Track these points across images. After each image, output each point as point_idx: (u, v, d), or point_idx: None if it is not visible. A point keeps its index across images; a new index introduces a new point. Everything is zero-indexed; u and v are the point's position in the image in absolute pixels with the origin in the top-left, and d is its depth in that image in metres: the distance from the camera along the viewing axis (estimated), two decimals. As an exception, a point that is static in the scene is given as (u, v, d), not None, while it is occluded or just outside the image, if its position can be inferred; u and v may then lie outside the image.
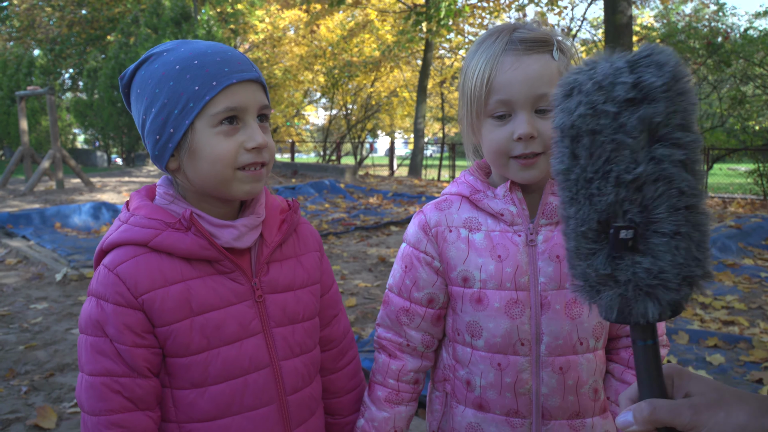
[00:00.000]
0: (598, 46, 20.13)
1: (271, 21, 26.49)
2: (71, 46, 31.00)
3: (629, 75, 0.80)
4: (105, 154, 31.57)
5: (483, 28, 23.10)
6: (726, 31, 16.86)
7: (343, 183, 14.85)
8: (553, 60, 1.27)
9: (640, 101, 0.80)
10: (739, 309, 4.96)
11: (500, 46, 1.27)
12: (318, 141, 33.65)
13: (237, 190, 1.22)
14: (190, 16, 23.84)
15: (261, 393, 1.26)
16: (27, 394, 3.56)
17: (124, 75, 1.25)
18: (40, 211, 9.51)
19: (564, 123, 0.86)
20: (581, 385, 1.33)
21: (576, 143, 0.85)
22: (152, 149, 1.22)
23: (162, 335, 1.19)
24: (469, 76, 1.30)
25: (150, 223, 1.20)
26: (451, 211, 1.39)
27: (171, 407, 1.23)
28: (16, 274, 6.48)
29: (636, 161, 0.81)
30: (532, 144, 1.25)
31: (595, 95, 0.82)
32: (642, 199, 0.82)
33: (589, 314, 1.32)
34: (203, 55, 1.19)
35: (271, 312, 1.29)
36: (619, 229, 0.83)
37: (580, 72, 0.86)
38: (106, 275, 1.18)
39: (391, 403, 1.41)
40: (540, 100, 1.24)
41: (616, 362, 1.43)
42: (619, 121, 0.81)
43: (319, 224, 9.35)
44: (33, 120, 27.19)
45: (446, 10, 17.83)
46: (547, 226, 1.32)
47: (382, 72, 25.52)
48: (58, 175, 14.84)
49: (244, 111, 1.20)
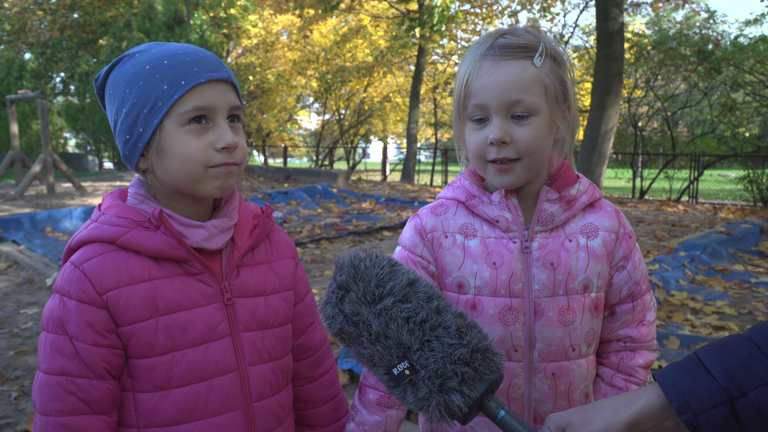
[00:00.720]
0: (590, 52, 20.22)
1: (264, 26, 26.47)
2: (63, 50, 30.90)
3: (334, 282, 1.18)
4: (96, 158, 31.47)
5: (476, 34, 23.19)
6: (717, 39, 17.00)
7: (335, 188, 14.85)
8: (534, 66, 1.27)
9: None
10: (730, 314, 4.99)
11: (481, 51, 1.28)
12: (311, 146, 33.61)
13: (208, 186, 1.21)
14: (183, 20, 23.81)
15: (226, 398, 1.24)
16: (17, 400, 3.53)
17: (98, 77, 1.26)
18: (31, 215, 9.47)
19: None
20: (573, 390, 1.35)
21: (341, 336, 1.17)
22: (123, 149, 1.21)
23: (126, 335, 1.18)
24: (455, 80, 1.33)
25: (119, 221, 1.20)
26: (447, 216, 1.39)
27: (132, 411, 1.21)
28: (6, 278, 6.45)
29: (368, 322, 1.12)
30: (505, 149, 1.26)
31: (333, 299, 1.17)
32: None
33: (582, 321, 1.33)
34: (173, 56, 1.19)
35: (240, 316, 1.27)
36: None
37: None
38: (72, 272, 1.17)
39: (382, 406, 1.41)
40: (515, 106, 1.25)
41: (605, 366, 1.43)
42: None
43: (312, 229, 9.34)
44: (24, 124, 27.09)
45: (439, 16, 17.87)
46: (541, 233, 1.33)
47: (375, 77, 25.55)
48: (48, 179, 14.77)
49: (213, 111, 1.19)
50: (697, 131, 18.21)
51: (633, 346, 1.41)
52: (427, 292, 1.14)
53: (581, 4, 33.75)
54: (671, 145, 17.53)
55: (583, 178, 1.40)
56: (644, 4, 25.26)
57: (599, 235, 1.35)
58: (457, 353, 1.08)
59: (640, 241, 8.40)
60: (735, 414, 0.98)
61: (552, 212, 1.33)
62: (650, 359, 1.42)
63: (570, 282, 1.31)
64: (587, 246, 1.34)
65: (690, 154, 16.07)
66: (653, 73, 17.41)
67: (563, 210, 1.33)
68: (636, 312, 1.40)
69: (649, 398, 1.05)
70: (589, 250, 1.33)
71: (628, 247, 1.38)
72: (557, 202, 1.33)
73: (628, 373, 1.40)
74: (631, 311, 1.39)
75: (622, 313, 1.40)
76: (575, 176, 1.39)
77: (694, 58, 16.05)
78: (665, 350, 4.16)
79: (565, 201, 1.34)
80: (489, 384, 1.09)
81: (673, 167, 16.75)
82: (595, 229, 1.36)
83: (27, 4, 30.30)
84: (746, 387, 0.97)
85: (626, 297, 1.39)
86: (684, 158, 16.49)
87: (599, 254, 1.34)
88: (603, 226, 1.36)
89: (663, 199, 15.66)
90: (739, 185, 15.35)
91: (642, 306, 1.40)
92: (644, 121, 18.50)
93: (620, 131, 18.21)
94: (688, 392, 1.00)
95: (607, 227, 1.37)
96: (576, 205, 1.35)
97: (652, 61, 17.18)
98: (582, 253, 1.33)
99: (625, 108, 17.47)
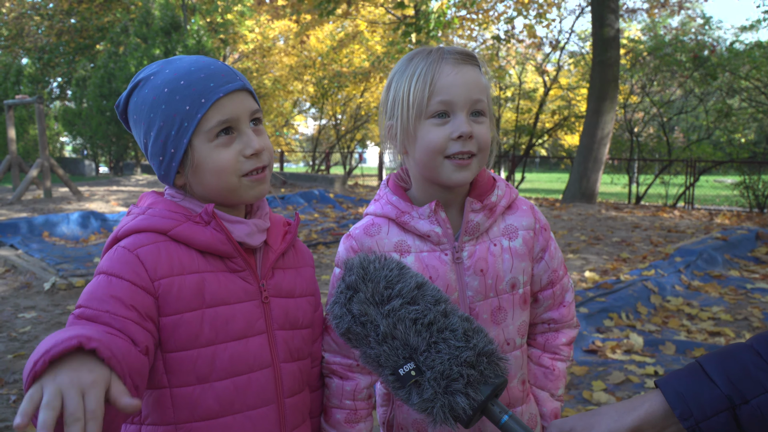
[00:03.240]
0: (586, 58, 20.30)
1: (261, 31, 26.53)
2: (60, 55, 30.90)
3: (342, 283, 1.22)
4: (93, 163, 31.42)
5: (472, 39, 23.27)
6: (712, 45, 17.11)
7: (332, 193, 14.87)
8: (482, 75, 1.38)
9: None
10: (726, 320, 5.01)
11: (436, 57, 1.35)
12: (307, 151, 33.64)
13: (245, 195, 1.28)
14: (180, 26, 23.84)
15: (262, 392, 1.28)
16: (16, 403, 3.54)
17: (118, 103, 1.31)
18: (28, 220, 9.47)
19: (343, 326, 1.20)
20: (510, 379, 1.42)
21: (348, 336, 1.19)
22: (158, 169, 1.28)
23: (169, 325, 1.19)
24: (408, 84, 1.35)
25: (170, 214, 1.25)
26: (381, 236, 1.42)
27: (169, 408, 1.21)
28: (4, 283, 6.45)
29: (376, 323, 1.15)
30: (469, 143, 1.32)
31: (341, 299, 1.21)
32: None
33: (513, 317, 1.42)
34: (188, 74, 1.24)
35: (275, 314, 1.32)
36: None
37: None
38: (125, 254, 1.18)
39: (351, 422, 1.44)
40: (476, 104, 1.34)
41: (533, 347, 1.55)
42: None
43: (309, 234, 9.35)
44: (21, 129, 27.03)
45: (435, 21, 17.94)
46: (469, 242, 1.39)
47: (371, 83, 25.57)
48: (46, 184, 14.76)
49: (236, 120, 1.25)
50: (693, 137, 18.25)
51: (556, 327, 1.53)
52: (435, 296, 1.17)
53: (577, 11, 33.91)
54: (667, 150, 17.59)
55: (500, 180, 1.47)
56: (640, 11, 25.38)
57: (519, 235, 1.44)
58: (463, 356, 1.11)
59: (635, 246, 8.44)
60: (737, 421, 1.00)
61: (477, 222, 1.39)
62: (572, 336, 1.55)
63: (498, 284, 1.40)
64: (510, 247, 1.42)
65: (686, 160, 16.13)
66: (649, 79, 17.49)
67: (486, 218, 1.41)
68: (556, 296, 1.51)
69: (651, 405, 1.07)
70: (512, 251, 1.42)
71: (545, 239, 1.48)
72: (481, 211, 1.40)
73: (554, 352, 1.53)
74: (552, 296, 1.50)
75: (544, 299, 1.50)
76: (492, 180, 1.46)
77: (690, 64, 16.12)
78: (661, 356, 4.18)
79: (487, 209, 1.41)
80: (493, 388, 1.12)
81: (669, 173, 16.79)
82: (515, 229, 1.44)
83: (24, 10, 30.30)
84: (748, 394, 0.99)
85: (546, 284, 1.49)
86: (680, 164, 16.54)
87: (521, 253, 1.43)
88: (521, 225, 1.45)
89: (659, 205, 15.71)
90: (735, 191, 15.40)
91: (561, 290, 1.52)
92: (640, 126, 18.56)
93: (616, 137, 18.28)
94: (691, 399, 1.03)
95: (525, 225, 1.45)
96: (497, 209, 1.42)
97: (647, 67, 17.26)
98: (506, 255, 1.41)
99: (620, 114, 17.54)
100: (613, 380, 3.74)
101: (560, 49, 22.02)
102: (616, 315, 4.94)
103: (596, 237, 9.21)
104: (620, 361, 4.07)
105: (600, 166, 14.14)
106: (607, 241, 8.89)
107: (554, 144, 28.10)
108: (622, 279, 5.89)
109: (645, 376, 3.82)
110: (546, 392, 1.52)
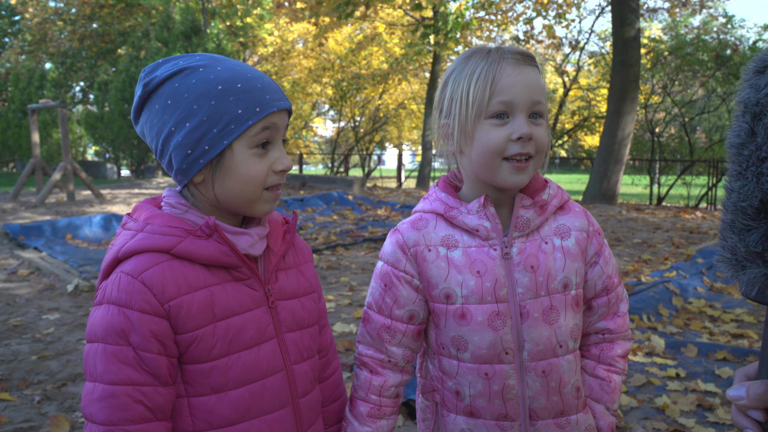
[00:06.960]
0: (606, 58, 20.16)
1: (280, 34, 26.68)
2: (82, 60, 31.33)
3: None
4: (115, 166, 31.78)
5: (490, 40, 23.18)
6: (735, 44, 16.86)
7: (351, 195, 14.91)
8: (541, 76, 1.36)
9: None
10: (749, 322, 4.95)
11: (497, 56, 1.33)
12: (326, 153, 33.74)
13: (259, 209, 1.28)
14: (200, 29, 24.05)
15: (277, 396, 1.29)
16: (40, 404, 3.59)
17: (152, 79, 1.24)
18: (52, 222, 9.59)
19: (749, 98, 0.85)
20: (564, 385, 1.39)
21: (757, 120, 0.83)
22: (180, 161, 1.23)
23: (185, 342, 1.21)
24: (468, 83, 1.34)
25: (170, 230, 1.22)
26: (428, 230, 1.41)
27: (187, 416, 1.23)
28: (28, 285, 6.54)
29: None
30: (528, 145, 1.31)
31: None
32: None
33: (565, 318, 1.38)
34: (245, 80, 1.24)
35: (283, 318, 1.33)
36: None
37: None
38: (130, 282, 1.18)
39: (373, 417, 1.44)
40: (536, 106, 1.32)
41: (587, 358, 1.49)
42: None
43: (328, 236, 9.38)
44: (44, 133, 27.44)
45: (454, 23, 17.93)
46: (519, 238, 1.37)
47: (390, 84, 25.64)
48: (68, 187, 14.96)
49: (275, 136, 1.27)
50: (715, 137, 18.03)
51: (611, 337, 1.48)
52: None
53: (597, 11, 33.71)
54: (689, 151, 17.40)
55: (551, 182, 1.46)
56: (661, 10, 25.17)
57: (572, 235, 1.41)
58: None
59: (657, 248, 8.36)
60: None
61: (528, 217, 1.38)
62: (627, 348, 1.50)
63: (550, 282, 1.37)
64: (562, 246, 1.39)
65: (708, 161, 15.93)
66: (670, 79, 17.31)
67: (537, 215, 1.39)
68: (611, 304, 1.46)
69: None
70: (564, 250, 1.39)
71: (599, 243, 1.45)
72: (531, 207, 1.38)
73: (609, 363, 1.47)
74: (607, 304, 1.46)
75: (598, 307, 1.46)
76: (544, 181, 1.45)
77: (712, 64, 15.94)
78: (684, 358, 4.14)
79: (538, 206, 1.39)
80: None
81: (691, 174, 16.61)
82: (568, 229, 1.41)
83: (48, 15, 30.74)
84: None
85: (601, 291, 1.45)
86: (702, 164, 16.35)
87: (574, 253, 1.40)
88: (574, 226, 1.42)
89: (681, 206, 15.54)
90: (758, 192, 15.17)
91: (616, 298, 1.47)
92: (661, 127, 18.38)
93: (637, 137, 18.12)
94: None
95: (578, 227, 1.42)
96: (548, 208, 1.40)
97: (669, 67, 17.09)
98: (558, 253, 1.38)
99: (641, 114, 17.39)
100: (635, 383, 3.71)
101: (580, 50, 21.91)
102: (638, 317, 4.90)
103: (617, 238, 9.14)
104: (642, 364, 4.04)
105: (621, 167, 14.03)
106: (628, 243, 8.81)
107: (574, 145, 27.92)
108: (643, 280, 5.84)
109: (666, 378, 3.79)
110: (602, 405, 1.47)
